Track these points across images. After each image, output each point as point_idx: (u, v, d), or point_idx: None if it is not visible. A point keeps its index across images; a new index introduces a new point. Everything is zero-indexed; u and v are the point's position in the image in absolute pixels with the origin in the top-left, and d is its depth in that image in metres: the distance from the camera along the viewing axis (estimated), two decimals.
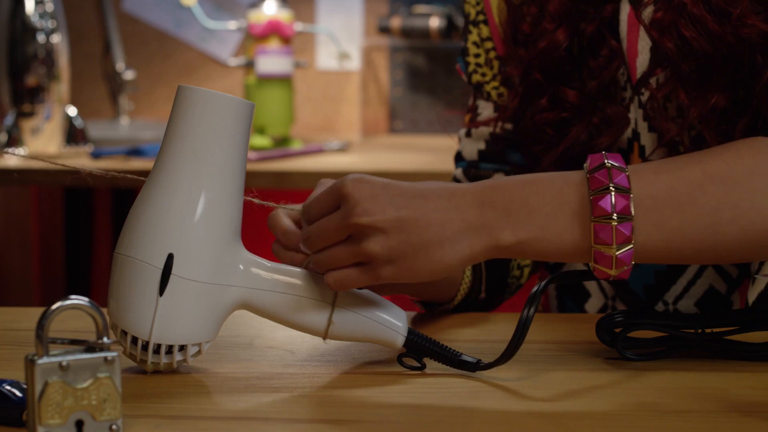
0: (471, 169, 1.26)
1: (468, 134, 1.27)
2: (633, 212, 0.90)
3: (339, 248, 0.90)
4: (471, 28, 1.25)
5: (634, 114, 1.14)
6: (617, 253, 0.90)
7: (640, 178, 0.91)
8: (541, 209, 0.90)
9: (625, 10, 1.13)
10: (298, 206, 0.97)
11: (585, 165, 0.92)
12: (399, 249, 0.89)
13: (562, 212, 0.90)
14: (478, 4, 1.24)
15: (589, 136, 1.15)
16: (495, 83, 1.24)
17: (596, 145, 1.14)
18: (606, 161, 0.91)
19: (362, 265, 0.91)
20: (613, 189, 0.89)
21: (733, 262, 1.00)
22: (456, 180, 1.28)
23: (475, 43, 1.25)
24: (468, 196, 0.90)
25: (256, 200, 0.96)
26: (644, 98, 1.12)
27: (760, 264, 1.13)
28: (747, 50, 1.03)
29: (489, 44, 1.24)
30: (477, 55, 1.25)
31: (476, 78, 1.25)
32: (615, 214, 0.89)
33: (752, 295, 1.13)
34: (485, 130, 1.25)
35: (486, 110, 1.25)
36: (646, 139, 1.13)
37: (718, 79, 1.05)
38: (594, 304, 1.22)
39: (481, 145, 1.25)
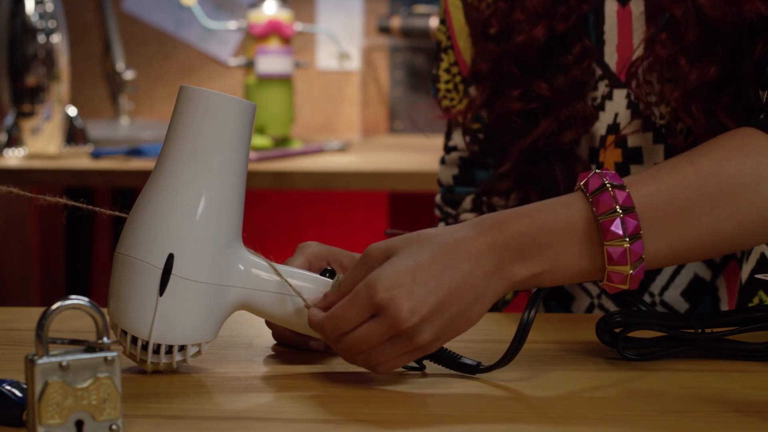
0: (447, 194, 1.32)
1: (443, 161, 1.32)
2: (642, 230, 0.90)
3: (389, 349, 0.89)
4: (442, 55, 1.29)
5: (615, 108, 1.16)
6: (632, 271, 0.91)
7: (639, 192, 0.91)
8: (551, 243, 0.90)
9: (612, 7, 1.15)
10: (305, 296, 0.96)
11: (580, 185, 0.92)
12: (445, 327, 0.89)
13: (571, 241, 0.91)
14: (447, 30, 1.28)
15: (557, 130, 1.17)
16: (461, 107, 1.27)
17: (560, 140, 1.17)
18: (606, 182, 0.91)
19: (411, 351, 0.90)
20: (621, 211, 0.90)
21: (731, 252, 1.05)
22: (437, 205, 1.33)
23: (446, 70, 1.29)
24: (481, 244, 0.89)
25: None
26: (634, 85, 1.13)
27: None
28: (745, 26, 1.06)
29: (455, 69, 1.28)
30: (447, 81, 1.29)
31: (445, 103, 1.29)
32: (627, 237, 0.90)
33: (745, 273, 1.15)
34: (455, 156, 1.30)
35: (457, 135, 1.30)
36: (630, 128, 1.15)
37: (718, 50, 1.07)
38: (580, 305, 1.23)
39: (454, 171, 1.31)
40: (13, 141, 2.34)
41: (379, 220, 2.75)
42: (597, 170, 0.92)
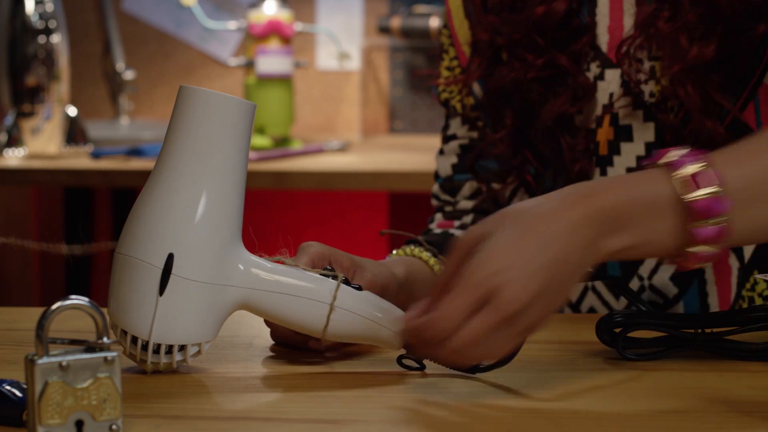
0: (446, 183, 1.33)
1: (441, 152, 1.34)
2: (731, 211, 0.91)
3: (499, 336, 0.87)
4: (444, 56, 1.32)
5: (609, 88, 1.17)
6: (714, 252, 0.91)
7: (728, 175, 0.91)
8: (643, 218, 0.90)
9: None
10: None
11: (663, 163, 0.92)
12: (547, 306, 0.87)
13: (662, 218, 0.90)
14: (448, 30, 1.31)
15: (565, 101, 1.19)
16: (459, 97, 1.30)
17: (568, 110, 1.18)
18: (694, 162, 0.90)
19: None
20: (712, 192, 0.89)
21: None
22: (433, 195, 1.34)
23: (446, 68, 1.32)
24: (576, 216, 0.88)
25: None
26: (625, 64, 1.15)
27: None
28: (742, 7, 1.08)
29: (455, 63, 1.30)
30: (447, 77, 1.32)
31: (444, 96, 1.32)
32: (717, 218, 0.90)
33: (747, 253, 1.16)
34: (455, 145, 1.32)
35: (455, 124, 1.32)
36: (620, 103, 1.17)
37: (717, 29, 1.09)
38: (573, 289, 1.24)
39: (453, 159, 1.32)
40: (13, 141, 2.34)
41: (379, 220, 2.75)
42: (681, 149, 0.92)
